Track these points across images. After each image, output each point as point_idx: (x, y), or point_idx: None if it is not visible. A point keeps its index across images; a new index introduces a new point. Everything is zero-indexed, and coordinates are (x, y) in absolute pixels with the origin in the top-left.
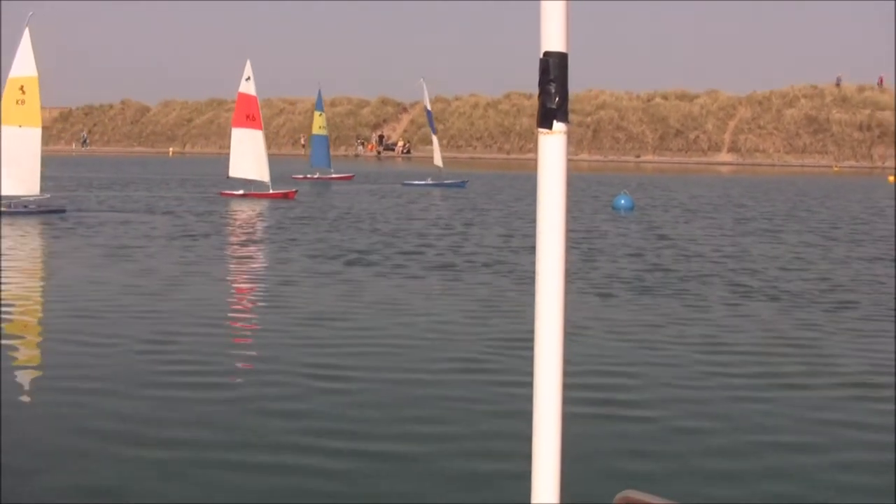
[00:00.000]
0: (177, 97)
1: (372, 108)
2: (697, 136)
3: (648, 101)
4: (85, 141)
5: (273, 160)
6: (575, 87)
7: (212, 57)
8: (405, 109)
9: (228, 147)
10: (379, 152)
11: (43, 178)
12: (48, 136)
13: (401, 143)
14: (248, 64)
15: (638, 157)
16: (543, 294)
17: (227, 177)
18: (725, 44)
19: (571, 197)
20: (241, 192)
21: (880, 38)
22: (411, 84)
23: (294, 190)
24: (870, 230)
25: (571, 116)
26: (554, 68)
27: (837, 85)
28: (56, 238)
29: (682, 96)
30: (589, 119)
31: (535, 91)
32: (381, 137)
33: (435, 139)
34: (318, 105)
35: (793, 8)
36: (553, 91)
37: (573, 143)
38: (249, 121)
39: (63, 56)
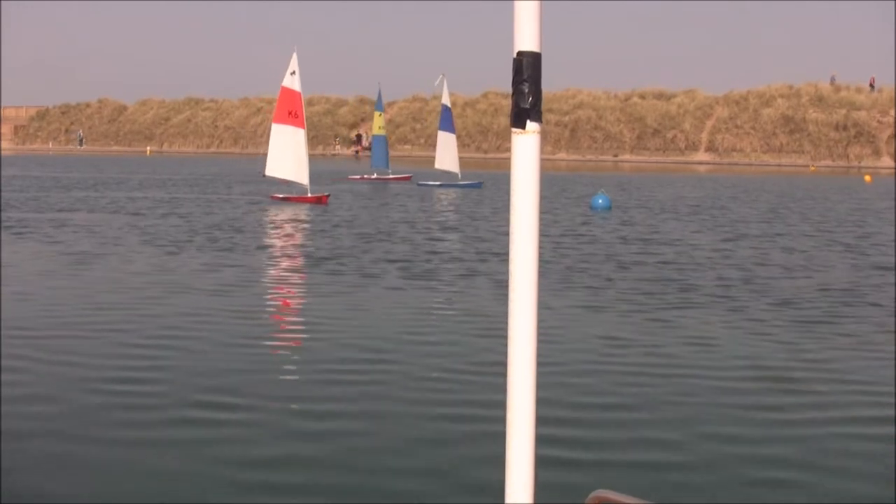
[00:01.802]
0: (154, 96)
1: (350, 108)
2: (675, 136)
3: (626, 100)
4: (81, 140)
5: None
6: (552, 87)
7: (189, 55)
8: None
9: (206, 147)
10: (357, 151)
11: None
12: (25, 134)
13: None
14: (295, 56)
15: (616, 156)
16: (517, 292)
17: (263, 175)
18: (703, 44)
19: (548, 196)
20: (283, 195)
21: (856, 39)
22: (433, 78)
23: (326, 194)
24: (870, 233)
25: (549, 116)
26: (527, 68)
27: (832, 83)
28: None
29: (660, 96)
30: (567, 118)
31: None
32: (359, 137)
33: (452, 139)
34: (378, 105)
35: (770, 8)
36: (526, 91)
37: (551, 142)
38: (292, 118)
39: (40, 54)
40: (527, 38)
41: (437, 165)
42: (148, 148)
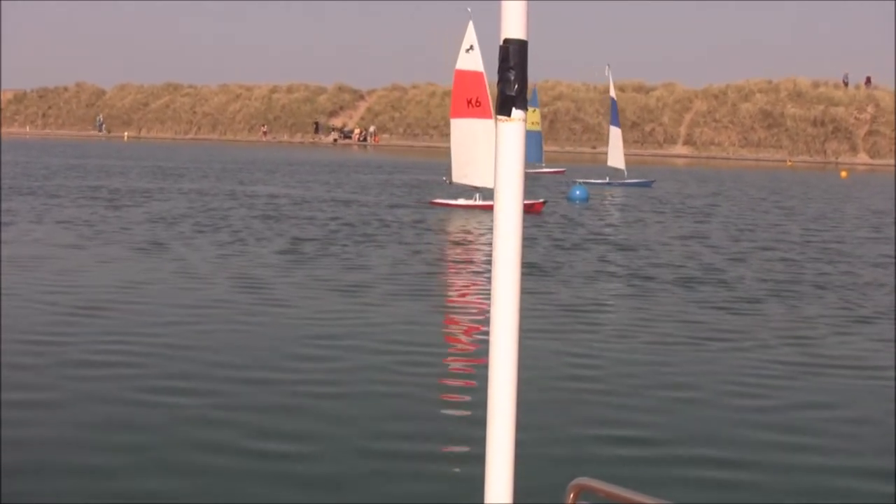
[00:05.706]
0: (132, 80)
1: (329, 96)
2: (653, 129)
3: (605, 92)
4: (101, 125)
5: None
6: (532, 78)
7: (169, 40)
8: (362, 97)
9: (184, 133)
10: (335, 140)
11: None
12: (2, 118)
13: (357, 131)
14: (471, 27)
15: (594, 148)
16: (499, 284)
17: (449, 182)
18: (682, 37)
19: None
20: (460, 200)
21: (839, 34)
22: (599, 70)
23: (542, 201)
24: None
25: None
26: (514, 55)
27: (845, 83)
28: None
29: (639, 88)
30: (546, 110)
31: (494, 79)
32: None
33: (618, 133)
34: (534, 101)
35: (749, 1)
36: (512, 78)
37: None
38: (473, 108)
39: (17, 37)
40: (514, 26)
41: (610, 163)
42: (125, 133)
